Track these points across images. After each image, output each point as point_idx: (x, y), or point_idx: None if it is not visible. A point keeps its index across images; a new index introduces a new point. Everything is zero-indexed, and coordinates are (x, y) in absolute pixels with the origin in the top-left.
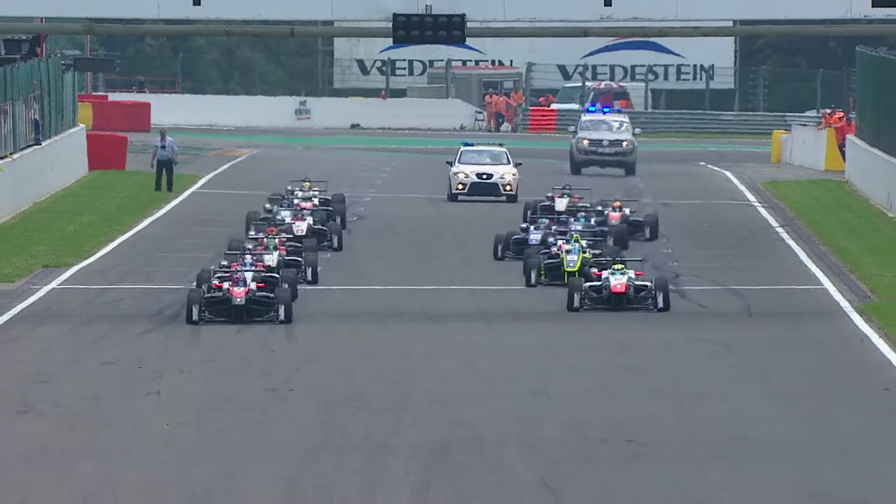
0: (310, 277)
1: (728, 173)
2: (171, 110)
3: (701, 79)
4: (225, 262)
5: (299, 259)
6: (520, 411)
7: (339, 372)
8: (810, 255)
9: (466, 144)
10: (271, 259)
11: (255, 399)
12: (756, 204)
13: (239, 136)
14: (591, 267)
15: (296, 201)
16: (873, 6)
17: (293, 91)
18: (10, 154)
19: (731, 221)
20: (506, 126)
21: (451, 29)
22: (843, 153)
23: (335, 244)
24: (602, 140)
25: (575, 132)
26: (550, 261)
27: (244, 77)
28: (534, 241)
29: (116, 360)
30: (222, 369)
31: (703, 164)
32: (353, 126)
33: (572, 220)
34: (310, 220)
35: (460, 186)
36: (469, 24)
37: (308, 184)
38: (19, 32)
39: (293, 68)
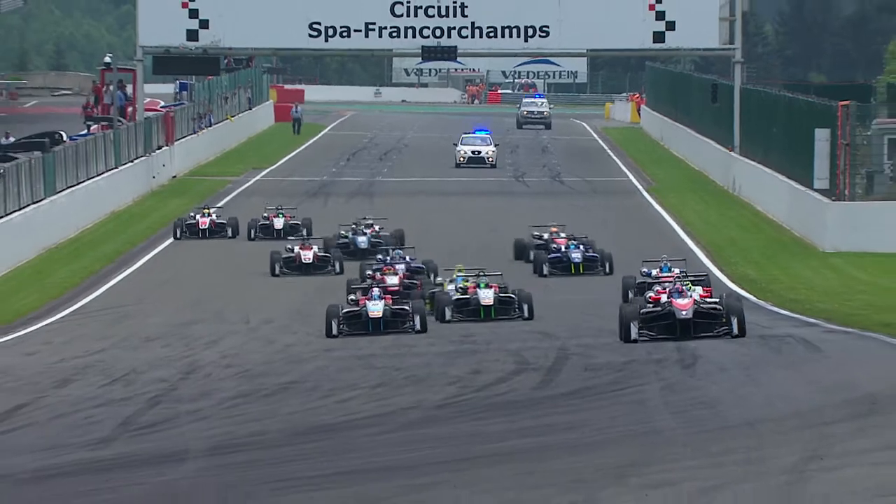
0: (418, 326)
1: (584, 124)
2: (314, 93)
3: (570, 77)
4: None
5: (406, 308)
6: (486, 232)
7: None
8: (623, 163)
9: (466, 133)
10: (377, 310)
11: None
12: (597, 139)
13: (345, 106)
14: None
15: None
16: (654, 42)
17: (372, 83)
18: (238, 113)
19: (584, 147)
20: (476, 102)
21: (449, 54)
22: (639, 114)
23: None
24: (533, 111)
25: (519, 106)
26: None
27: (349, 75)
28: None
29: (296, 210)
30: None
31: (573, 119)
32: (402, 101)
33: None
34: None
35: (461, 159)
36: (459, 52)
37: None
38: (241, 55)
39: (373, 72)
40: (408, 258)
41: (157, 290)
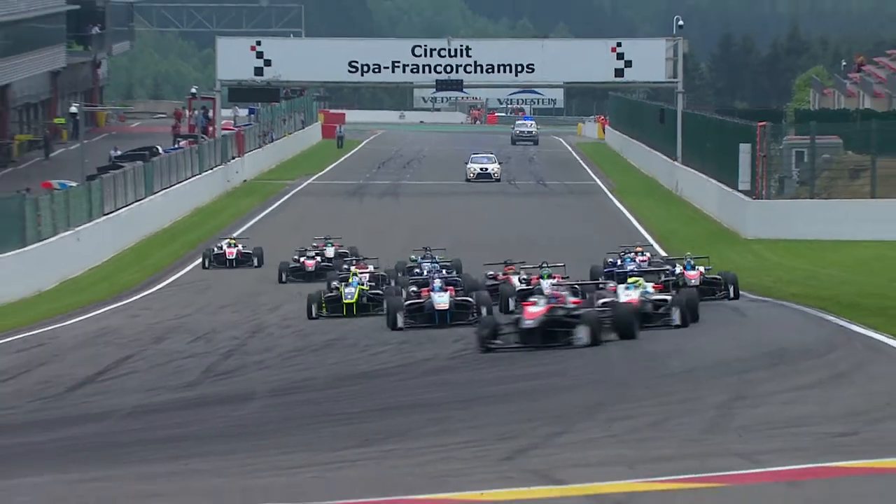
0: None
1: (561, 139)
2: (353, 116)
3: (551, 103)
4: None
5: (470, 300)
6: (486, 227)
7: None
8: (591, 171)
9: (474, 153)
10: (443, 302)
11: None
12: (571, 151)
13: (377, 125)
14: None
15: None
16: (615, 77)
17: (397, 108)
18: (293, 132)
19: (561, 158)
20: (477, 123)
21: (457, 85)
22: (604, 132)
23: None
24: (525, 130)
25: (514, 127)
26: (330, 294)
27: (379, 102)
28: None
29: (338, 207)
30: (370, 212)
31: (553, 136)
32: (420, 122)
33: None
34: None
35: (471, 175)
36: (464, 84)
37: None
38: (296, 86)
39: (398, 99)
40: (444, 273)
41: (230, 268)
